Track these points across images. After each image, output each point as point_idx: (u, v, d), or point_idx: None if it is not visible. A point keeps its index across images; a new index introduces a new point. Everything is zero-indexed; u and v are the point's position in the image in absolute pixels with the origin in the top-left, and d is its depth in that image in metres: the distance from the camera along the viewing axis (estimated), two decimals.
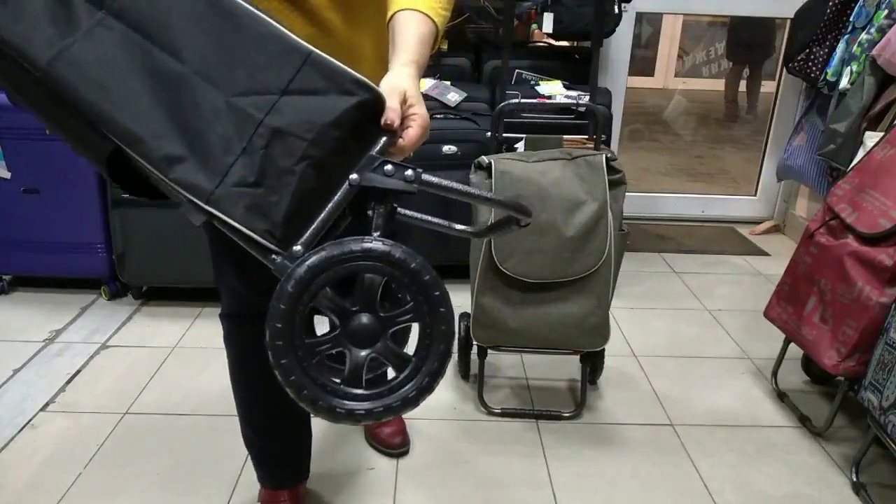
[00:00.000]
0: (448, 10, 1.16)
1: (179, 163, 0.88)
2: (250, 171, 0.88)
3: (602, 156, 1.85)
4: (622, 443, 1.92)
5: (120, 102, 0.89)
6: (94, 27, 0.90)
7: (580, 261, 1.82)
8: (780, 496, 1.74)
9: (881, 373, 1.68)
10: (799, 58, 2.97)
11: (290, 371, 0.87)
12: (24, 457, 1.79)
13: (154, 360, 2.23)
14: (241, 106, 0.89)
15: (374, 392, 0.90)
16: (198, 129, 0.89)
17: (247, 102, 0.89)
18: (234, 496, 1.68)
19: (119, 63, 0.90)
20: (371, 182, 0.91)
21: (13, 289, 2.67)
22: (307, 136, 0.89)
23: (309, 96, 0.90)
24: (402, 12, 1.10)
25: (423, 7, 1.10)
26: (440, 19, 1.13)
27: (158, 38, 0.90)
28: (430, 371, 0.92)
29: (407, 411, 0.91)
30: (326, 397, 0.88)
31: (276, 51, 0.90)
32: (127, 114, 0.89)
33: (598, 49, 2.37)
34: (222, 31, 0.90)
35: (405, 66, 1.04)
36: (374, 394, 0.90)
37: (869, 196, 1.84)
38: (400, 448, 1.84)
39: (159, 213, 2.42)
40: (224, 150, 0.88)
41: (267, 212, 0.88)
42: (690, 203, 3.77)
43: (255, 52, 0.90)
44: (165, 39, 0.90)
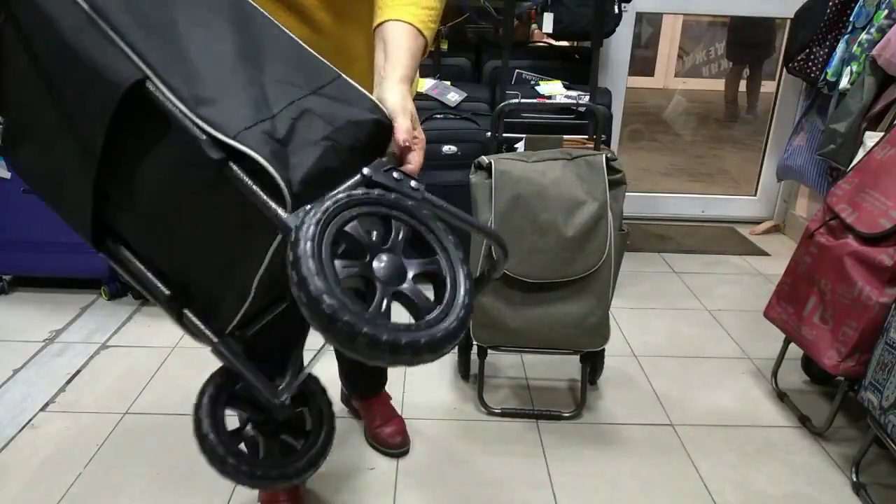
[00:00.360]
0: (436, 26, 1.15)
1: (209, 105, 0.86)
2: (277, 130, 0.87)
3: (602, 156, 1.85)
4: (622, 443, 1.92)
5: (160, 38, 0.89)
6: None
7: (580, 261, 1.82)
8: (780, 496, 1.74)
9: (881, 373, 1.68)
10: (799, 58, 2.97)
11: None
12: (24, 457, 1.79)
13: (154, 360, 2.23)
14: (275, 88, 0.90)
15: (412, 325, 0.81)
16: (234, 86, 0.89)
17: (281, 87, 0.91)
18: (234, 496, 1.68)
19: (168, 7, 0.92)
20: (380, 179, 0.90)
21: (13, 289, 2.67)
22: (333, 122, 0.90)
23: (336, 102, 0.92)
24: (394, 23, 1.10)
25: (415, 21, 1.10)
26: (429, 34, 1.13)
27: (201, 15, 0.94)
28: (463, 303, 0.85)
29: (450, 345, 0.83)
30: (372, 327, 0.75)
31: (310, 66, 0.95)
32: (164, 51, 0.89)
33: (598, 49, 2.37)
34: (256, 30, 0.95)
35: (403, 84, 1.04)
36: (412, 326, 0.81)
37: (869, 196, 1.84)
38: (400, 448, 1.84)
39: None
40: (255, 108, 0.88)
41: (287, 166, 0.85)
42: (690, 203, 3.77)
43: (292, 62, 0.95)
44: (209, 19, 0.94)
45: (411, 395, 2.10)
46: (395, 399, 2.02)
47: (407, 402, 2.07)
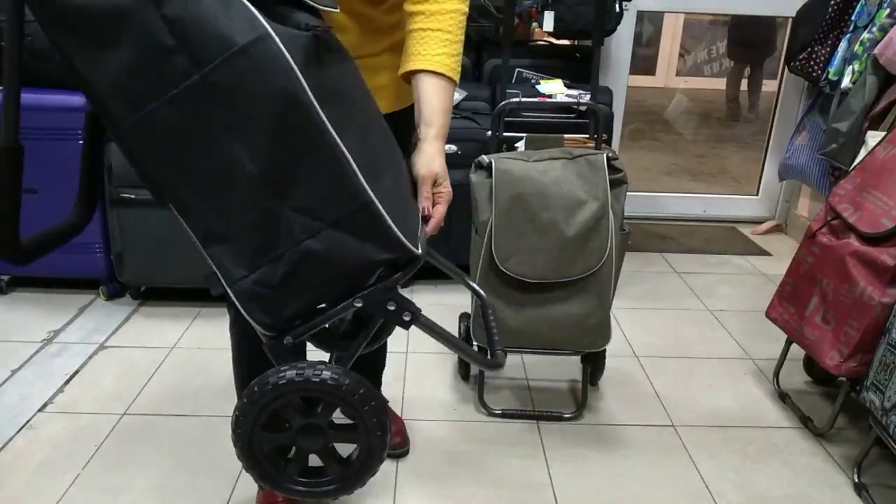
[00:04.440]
0: (460, 67, 1.25)
1: (218, 242, 0.94)
2: (274, 277, 0.94)
3: (603, 155, 1.84)
4: (623, 444, 1.92)
5: (183, 174, 0.92)
6: (183, 92, 0.87)
7: (581, 261, 1.81)
8: (781, 497, 1.74)
9: (883, 373, 1.67)
10: (801, 57, 2.97)
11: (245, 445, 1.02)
12: (23, 457, 1.78)
13: (152, 361, 2.22)
14: (290, 221, 0.92)
15: (309, 481, 1.06)
16: (244, 222, 0.92)
17: (296, 220, 0.92)
18: (233, 497, 1.67)
19: (192, 139, 0.89)
20: (372, 309, 1.00)
21: (11, 289, 2.66)
22: (336, 268, 0.95)
23: (350, 237, 0.93)
24: (428, 77, 1.19)
25: (448, 71, 1.20)
26: (458, 78, 1.23)
27: (240, 126, 0.88)
28: (356, 481, 1.05)
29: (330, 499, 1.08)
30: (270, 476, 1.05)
31: (340, 187, 0.92)
32: (186, 187, 0.92)
33: (599, 48, 2.35)
34: (302, 144, 0.89)
35: (437, 141, 1.18)
36: (308, 482, 1.06)
37: (871, 196, 1.83)
38: (400, 448, 1.83)
39: (158, 213, 2.41)
40: (260, 250, 0.93)
41: (275, 310, 0.96)
42: (692, 203, 3.77)
43: (322, 179, 0.91)
44: (246, 132, 0.88)
45: (411, 395, 2.09)
46: (395, 399, 2.02)
47: (407, 402, 2.06)
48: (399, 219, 0.97)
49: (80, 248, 2.52)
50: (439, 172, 1.18)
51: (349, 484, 1.05)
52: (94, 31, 0.85)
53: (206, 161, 0.89)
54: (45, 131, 2.36)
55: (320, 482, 1.06)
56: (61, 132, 2.37)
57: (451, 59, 1.21)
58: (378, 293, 0.98)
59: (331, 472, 1.05)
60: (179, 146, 0.89)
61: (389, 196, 0.97)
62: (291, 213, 0.91)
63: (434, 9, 1.20)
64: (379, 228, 0.94)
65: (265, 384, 0.96)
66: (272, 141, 0.88)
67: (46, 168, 2.41)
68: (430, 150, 1.18)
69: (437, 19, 1.20)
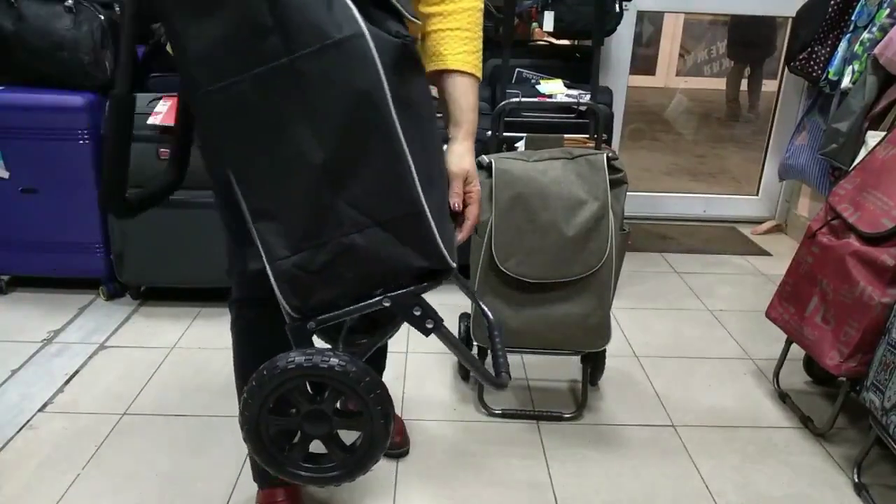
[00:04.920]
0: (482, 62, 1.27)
1: (268, 219, 0.95)
2: (313, 263, 0.96)
3: (603, 155, 1.84)
4: (623, 444, 1.92)
5: (249, 149, 0.93)
6: (269, 71, 0.88)
7: (581, 261, 1.81)
8: (781, 497, 1.74)
9: (883, 373, 1.67)
10: (801, 57, 2.96)
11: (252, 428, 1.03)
12: (23, 457, 1.78)
13: (152, 361, 2.22)
14: (341, 213, 0.94)
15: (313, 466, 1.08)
16: (298, 206, 0.94)
17: (347, 213, 0.94)
18: (233, 497, 1.67)
19: (266, 118, 0.91)
20: (398, 311, 1.02)
21: (11, 289, 2.66)
22: (374, 266, 0.97)
23: (394, 239, 0.96)
24: (455, 77, 1.20)
25: (473, 70, 1.22)
26: (480, 75, 1.25)
27: (315, 115, 0.89)
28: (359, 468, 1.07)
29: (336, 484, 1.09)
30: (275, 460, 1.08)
31: (398, 190, 0.94)
32: (249, 161, 0.94)
33: (599, 48, 2.36)
34: (371, 143, 0.91)
35: (466, 140, 1.20)
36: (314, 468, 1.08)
37: (871, 196, 1.83)
38: (400, 448, 1.83)
39: (157, 213, 2.39)
40: (306, 235, 0.95)
41: (307, 295, 0.98)
42: (692, 203, 3.77)
43: (380, 179, 0.93)
44: (320, 121, 0.90)
45: (411, 395, 2.09)
46: (395, 399, 2.01)
47: (407, 402, 2.06)
48: (442, 230, 0.99)
49: (80, 248, 2.52)
50: (470, 170, 1.19)
51: (352, 471, 1.07)
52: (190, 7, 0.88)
53: (274, 141, 0.91)
54: (45, 131, 2.36)
55: (324, 468, 1.07)
56: (61, 132, 2.37)
57: (472, 57, 1.22)
58: (407, 297, 1.01)
59: (334, 459, 1.07)
60: (252, 122, 0.91)
61: (437, 209, 0.99)
62: (344, 206, 0.93)
63: (451, 9, 1.21)
64: (425, 238, 0.97)
65: (274, 368, 0.98)
66: (343, 135, 0.90)
67: (46, 168, 2.41)
68: (460, 149, 1.20)
69: (455, 19, 1.21)
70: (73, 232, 2.49)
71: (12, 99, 2.35)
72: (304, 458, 1.08)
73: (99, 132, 2.39)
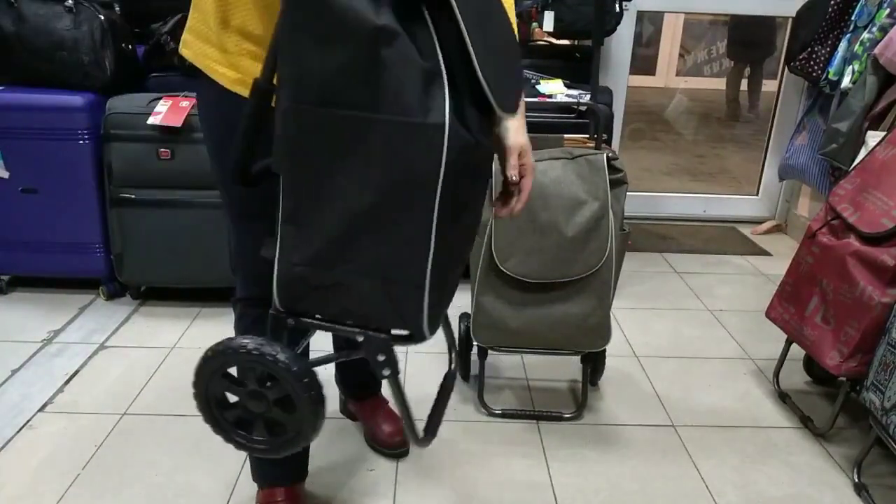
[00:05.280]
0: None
1: (296, 227, 1.00)
2: (314, 280, 1.01)
3: (603, 155, 1.84)
4: (623, 444, 1.92)
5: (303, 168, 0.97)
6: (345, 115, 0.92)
7: (581, 261, 1.81)
8: (781, 497, 1.74)
9: (883, 373, 1.67)
10: (801, 57, 2.96)
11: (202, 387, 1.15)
12: (23, 457, 1.78)
13: (152, 361, 2.22)
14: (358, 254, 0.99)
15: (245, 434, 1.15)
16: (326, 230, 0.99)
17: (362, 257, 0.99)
18: (233, 497, 1.67)
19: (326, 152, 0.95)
20: (365, 350, 1.08)
21: (11, 289, 2.66)
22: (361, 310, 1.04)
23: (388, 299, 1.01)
24: None
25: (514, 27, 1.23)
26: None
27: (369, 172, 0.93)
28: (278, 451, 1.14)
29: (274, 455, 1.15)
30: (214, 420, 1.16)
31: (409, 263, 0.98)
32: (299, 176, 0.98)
33: (599, 48, 2.36)
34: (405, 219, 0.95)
35: (522, 118, 1.22)
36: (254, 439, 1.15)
37: (871, 196, 1.83)
38: (400, 448, 1.83)
39: (157, 213, 2.41)
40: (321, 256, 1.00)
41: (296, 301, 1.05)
42: (692, 203, 3.77)
43: (402, 247, 0.97)
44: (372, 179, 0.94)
45: (411, 395, 2.09)
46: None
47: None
48: (436, 302, 1.01)
49: (80, 248, 2.52)
50: (524, 144, 1.21)
51: (273, 450, 1.14)
52: (325, 27, 0.89)
53: (325, 173, 0.95)
54: (45, 131, 2.36)
55: (252, 439, 1.14)
56: (61, 132, 2.37)
57: (512, 12, 1.26)
58: (380, 341, 1.06)
59: (261, 436, 1.14)
60: (312, 148, 0.94)
61: (442, 287, 1.02)
62: (363, 249, 0.98)
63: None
64: (414, 309, 1.00)
65: (229, 345, 1.06)
66: (385, 199, 0.94)
67: (46, 168, 2.41)
68: (515, 124, 1.21)
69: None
70: (73, 232, 2.49)
71: (12, 99, 2.35)
72: (238, 424, 1.15)
73: (99, 132, 2.39)
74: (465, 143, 0.91)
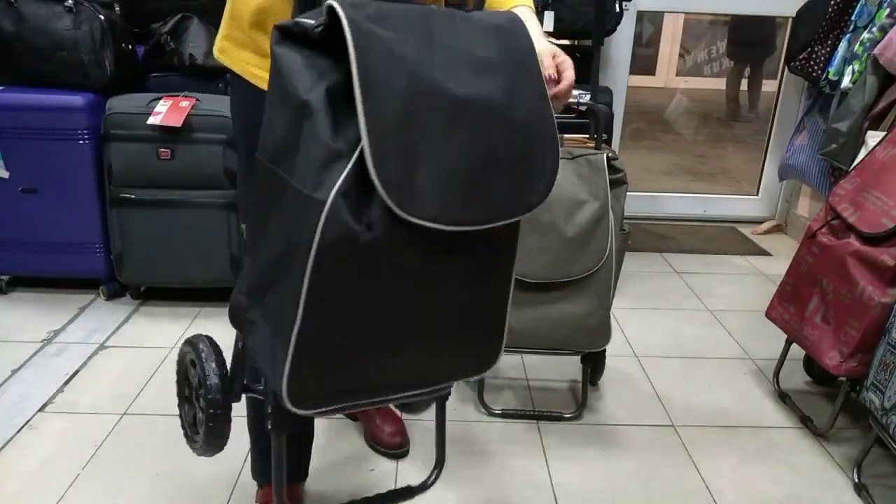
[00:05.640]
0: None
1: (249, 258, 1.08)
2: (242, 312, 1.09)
3: (603, 155, 1.84)
4: (623, 444, 1.92)
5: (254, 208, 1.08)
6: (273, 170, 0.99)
7: (581, 261, 1.81)
8: (781, 497, 1.74)
9: (883, 373, 1.67)
10: (801, 57, 2.96)
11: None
12: (23, 457, 1.78)
13: (152, 361, 2.22)
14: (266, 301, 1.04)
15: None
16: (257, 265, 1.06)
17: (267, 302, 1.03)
18: (233, 497, 1.67)
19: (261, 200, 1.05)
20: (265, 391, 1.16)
21: (11, 289, 2.66)
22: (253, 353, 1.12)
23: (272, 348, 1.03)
24: (521, 10, 1.27)
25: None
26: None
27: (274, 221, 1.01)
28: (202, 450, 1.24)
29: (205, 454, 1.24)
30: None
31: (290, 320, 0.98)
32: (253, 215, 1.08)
33: (599, 48, 2.36)
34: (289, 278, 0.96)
35: (544, 37, 1.27)
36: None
37: (871, 196, 1.83)
38: (400, 448, 1.83)
39: (157, 213, 2.41)
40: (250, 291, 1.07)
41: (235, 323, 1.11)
42: (692, 203, 3.77)
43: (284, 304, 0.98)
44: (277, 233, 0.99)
45: None
46: None
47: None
48: (308, 374, 1.00)
49: (80, 248, 2.52)
50: (549, 48, 1.25)
51: (198, 450, 1.25)
52: (278, 90, 0.97)
53: (264, 218, 1.02)
54: (45, 131, 2.36)
55: (193, 432, 1.25)
56: (61, 132, 2.37)
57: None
58: (267, 392, 1.12)
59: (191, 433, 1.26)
60: (262, 193, 1.03)
61: (322, 363, 1.00)
62: (268, 294, 1.02)
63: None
64: (279, 369, 1.00)
65: (192, 342, 1.20)
66: (283, 255, 0.97)
67: (46, 168, 2.41)
68: (546, 40, 1.27)
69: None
70: (73, 232, 2.49)
71: (12, 99, 2.35)
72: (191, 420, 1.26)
73: (99, 132, 2.39)
74: (346, 231, 0.89)
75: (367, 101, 0.87)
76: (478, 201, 0.97)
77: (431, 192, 0.91)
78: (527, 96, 1.00)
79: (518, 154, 1.00)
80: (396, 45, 0.90)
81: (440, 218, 0.93)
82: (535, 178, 1.04)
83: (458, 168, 0.93)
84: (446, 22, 0.98)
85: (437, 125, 0.91)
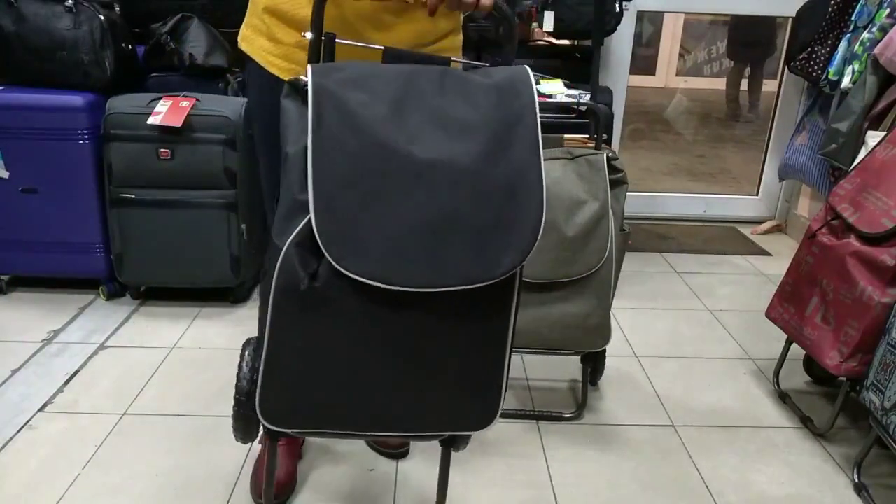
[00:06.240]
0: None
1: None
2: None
3: (603, 155, 1.84)
4: (623, 444, 1.92)
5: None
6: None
7: (581, 261, 1.81)
8: (781, 497, 1.74)
9: (883, 373, 1.67)
10: (801, 57, 2.96)
11: None
12: (23, 458, 1.78)
13: (153, 361, 2.22)
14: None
15: None
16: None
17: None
18: (233, 497, 1.67)
19: None
20: None
21: (11, 289, 2.66)
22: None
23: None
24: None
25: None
26: None
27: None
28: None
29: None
30: None
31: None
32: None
33: (599, 48, 2.35)
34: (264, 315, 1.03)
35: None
36: None
37: (871, 196, 1.83)
38: (400, 449, 1.83)
39: (157, 213, 2.41)
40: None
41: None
42: (692, 203, 3.77)
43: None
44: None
45: None
46: None
47: None
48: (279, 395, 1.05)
49: (80, 248, 2.52)
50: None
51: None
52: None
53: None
54: (45, 131, 2.36)
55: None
56: (61, 132, 2.37)
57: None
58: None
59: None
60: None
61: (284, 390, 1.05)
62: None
63: None
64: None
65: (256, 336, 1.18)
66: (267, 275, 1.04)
67: (46, 168, 2.41)
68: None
69: None
70: (73, 232, 2.49)
71: (12, 99, 2.35)
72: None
73: (99, 132, 2.39)
74: (293, 278, 0.96)
75: (317, 159, 0.92)
76: (433, 264, 0.94)
77: (375, 250, 0.92)
78: (514, 155, 0.98)
79: (487, 217, 0.97)
80: (361, 108, 0.93)
81: (381, 276, 0.92)
82: (509, 242, 1.00)
83: (409, 230, 0.93)
84: (433, 84, 0.97)
85: (390, 186, 0.92)
